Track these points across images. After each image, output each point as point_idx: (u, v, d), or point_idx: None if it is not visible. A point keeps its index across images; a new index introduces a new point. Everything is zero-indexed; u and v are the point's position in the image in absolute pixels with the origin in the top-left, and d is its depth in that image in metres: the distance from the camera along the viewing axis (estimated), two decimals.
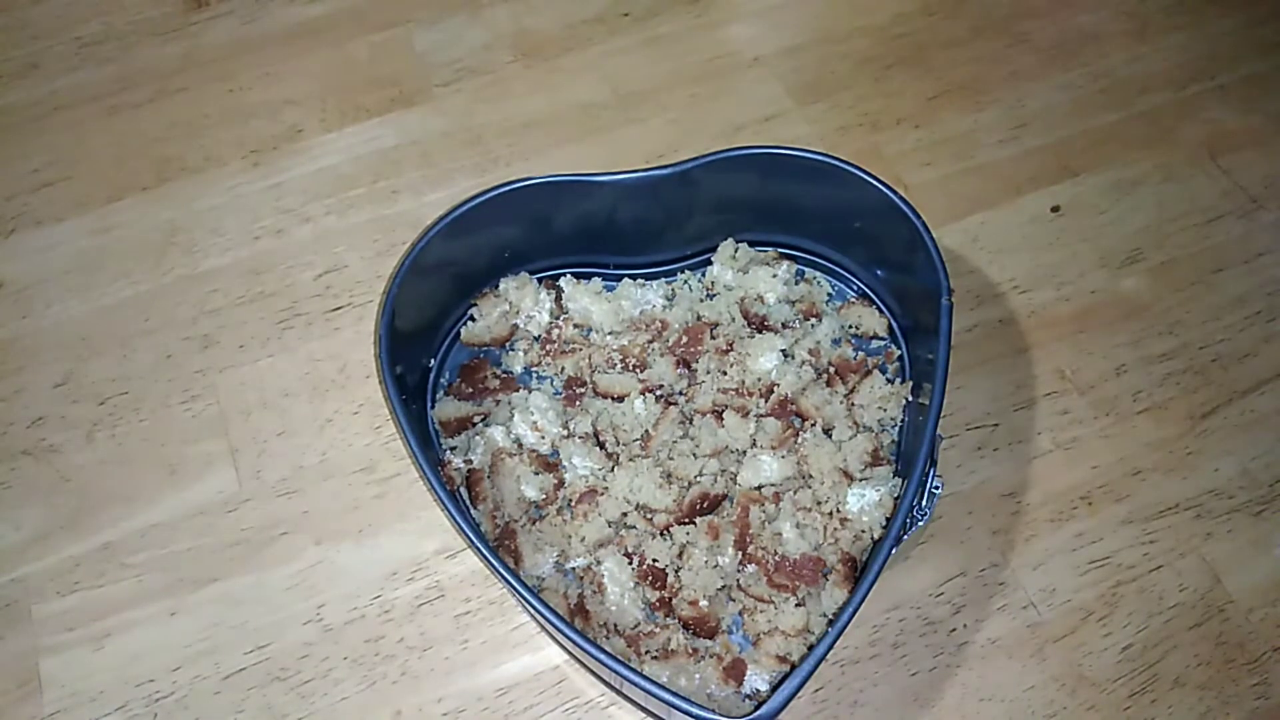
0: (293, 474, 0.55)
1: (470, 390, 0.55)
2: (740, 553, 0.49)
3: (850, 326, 0.56)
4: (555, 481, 0.51)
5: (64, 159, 0.67)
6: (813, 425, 0.51)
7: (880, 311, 0.56)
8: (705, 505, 0.50)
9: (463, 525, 0.44)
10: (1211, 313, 0.60)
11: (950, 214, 0.63)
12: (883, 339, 0.56)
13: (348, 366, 0.59)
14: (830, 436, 0.51)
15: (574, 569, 0.49)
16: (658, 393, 0.53)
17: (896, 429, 0.52)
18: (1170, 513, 0.54)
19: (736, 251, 0.57)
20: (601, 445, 0.52)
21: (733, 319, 0.55)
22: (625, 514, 0.50)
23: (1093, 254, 0.62)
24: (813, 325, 0.55)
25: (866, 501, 0.48)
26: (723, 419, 0.51)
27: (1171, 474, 0.55)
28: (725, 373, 0.53)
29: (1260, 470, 0.55)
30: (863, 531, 0.48)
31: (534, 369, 0.56)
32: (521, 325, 0.56)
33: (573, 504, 0.50)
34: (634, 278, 0.58)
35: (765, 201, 0.55)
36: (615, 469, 0.51)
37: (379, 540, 0.53)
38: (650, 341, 0.55)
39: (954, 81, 0.70)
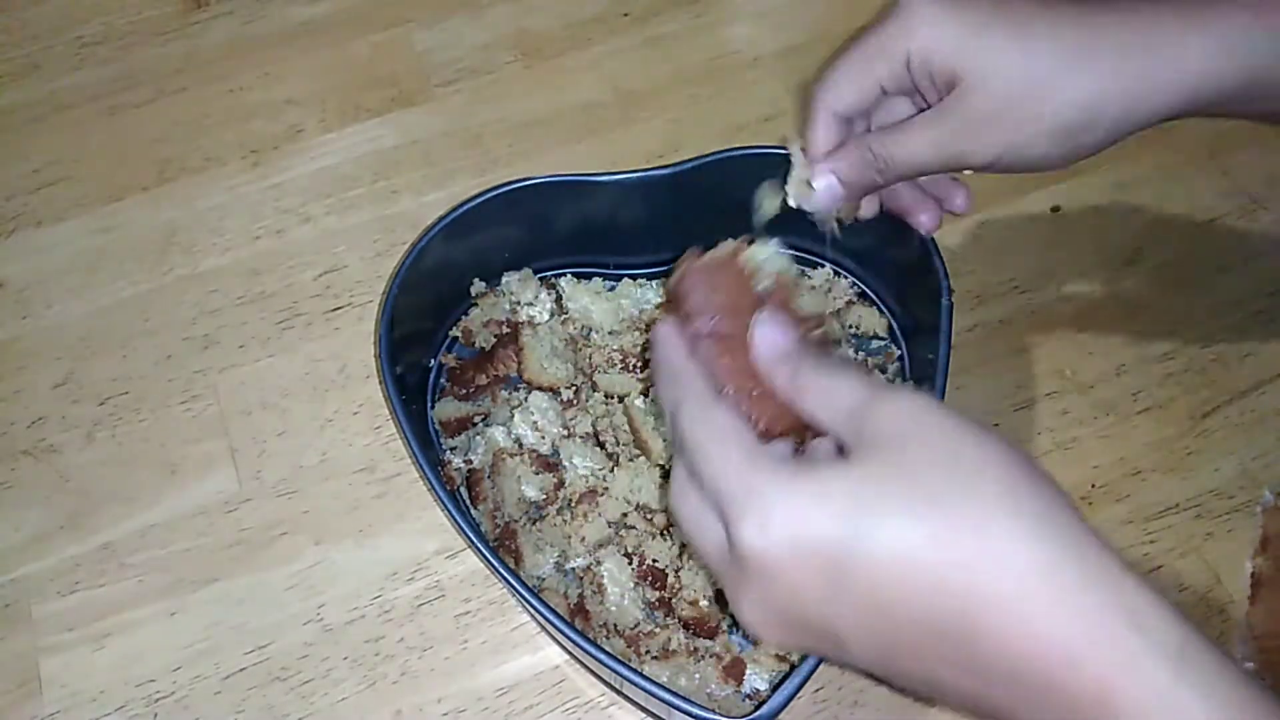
0: (293, 474, 0.55)
1: (470, 390, 0.55)
2: None
3: (850, 326, 0.56)
4: (555, 481, 0.51)
5: (64, 159, 0.67)
6: None
7: (880, 311, 0.56)
8: None
9: (463, 525, 0.44)
10: (1211, 313, 0.60)
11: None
12: (883, 339, 0.56)
13: (348, 366, 0.59)
14: None
15: (574, 569, 0.49)
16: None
17: None
18: (1170, 513, 0.54)
19: None
20: (601, 445, 0.52)
21: None
22: (625, 514, 0.50)
23: (1093, 254, 0.62)
24: None
25: None
26: None
27: (1171, 474, 0.55)
28: None
29: (1260, 470, 0.55)
30: None
31: None
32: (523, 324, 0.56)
33: (573, 504, 0.50)
34: (634, 277, 0.58)
35: None
36: (615, 469, 0.51)
37: (379, 540, 0.53)
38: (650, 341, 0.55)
39: None
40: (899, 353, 0.55)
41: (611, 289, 0.57)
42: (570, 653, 0.49)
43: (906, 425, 0.31)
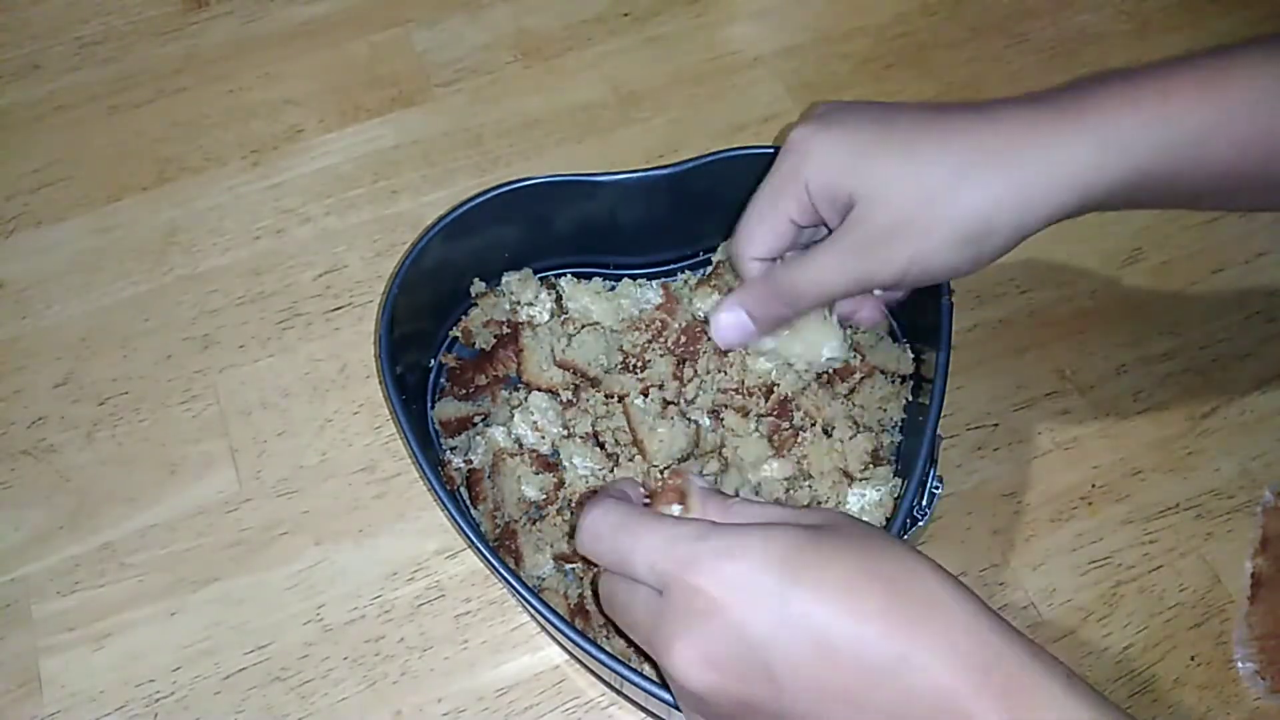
0: (293, 474, 0.55)
1: (470, 390, 0.55)
2: None
3: (850, 325, 0.56)
4: (555, 481, 0.51)
5: (64, 159, 0.67)
6: (813, 425, 0.51)
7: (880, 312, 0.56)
8: None
9: (463, 525, 0.44)
10: (1211, 313, 0.60)
11: None
12: (883, 339, 0.56)
13: (348, 366, 0.59)
14: (830, 436, 0.51)
15: (574, 569, 0.49)
16: (659, 393, 0.53)
17: (896, 429, 0.52)
18: (1170, 513, 0.54)
19: None
20: (601, 445, 0.52)
21: None
22: None
23: (1093, 254, 0.62)
24: None
25: (866, 501, 0.48)
26: (722, 419, 0.51)
27: (1171, 474, 0.55)
28: (725, 373, 0.53)
29: (1260, 470, 0.55)
30: None
31: None
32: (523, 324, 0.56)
33: (573, 504, 0.50)
34: (634, 278, 0.58)
35: None
36: (615, 469, 0.51)
37: (379, 540, 0.53)
38: (649, 341, 0.55)
39: (954, 81, 0.70)
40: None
41: (611, 289, 0.57)
42: (570, 653, 0.49)
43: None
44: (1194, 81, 0.38)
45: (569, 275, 0.57)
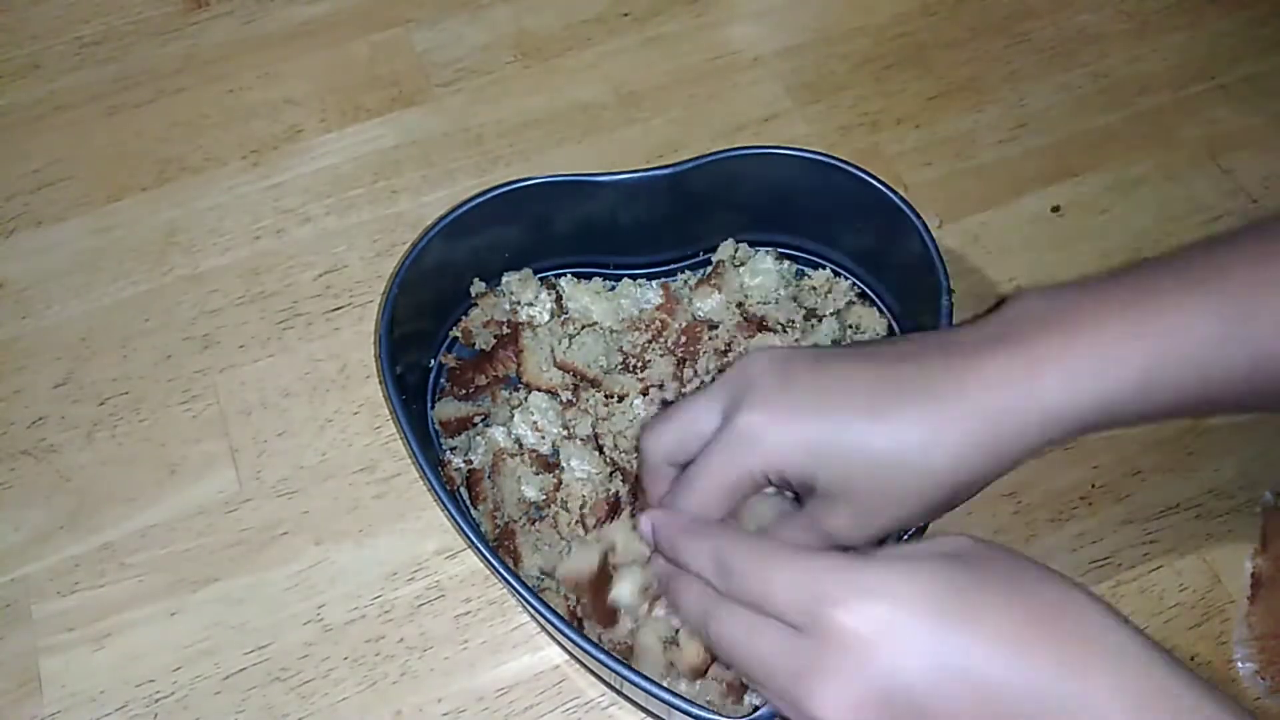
0: (293, 474, 0.55)
1: (470, 390, 0.55)
2: None
3: (850, 326, 0.56)
4: (555, 482, 0.51)
5: (64, 159, 0.67)
6: None
7: (880, 311, 0.56)
8: None
9: (463, 525, 0.44)
10: None
11: (950, 214, 0.63)
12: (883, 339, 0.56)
13: (348, 366, 0.59)
14: None
15: None
16: (659, 393, 0.53)
17: None
18: (1170, 513, 0.54)
19: (736, 251, 0.57)
20: (600, 449, 0.52)
21: (732, 319, 0.55)
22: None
23: (1093, 254, 0.62)
24: (812, 326, 0.55)
25: None
26: None
27: (1171, 474, 0.55)
28: (725, 372, 0.53)
29: (1260, 470, 0.55)
30: None
31: None
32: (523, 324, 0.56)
33: (567, 505, 0.50)
34: (634, 278, 0.58)
35: (765, 201, 0.55)
36: (615, 473, 0.51)
37: (379, 540, 0.53)
38: (649, 341, 0.55)
39: (954, 81, 0.70)
40: None
41: (611, 289, 0.57)
42: (570, 653, 0.49)
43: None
44: (1130, 326, 0.37)
45: (569, 275, 0.57)
